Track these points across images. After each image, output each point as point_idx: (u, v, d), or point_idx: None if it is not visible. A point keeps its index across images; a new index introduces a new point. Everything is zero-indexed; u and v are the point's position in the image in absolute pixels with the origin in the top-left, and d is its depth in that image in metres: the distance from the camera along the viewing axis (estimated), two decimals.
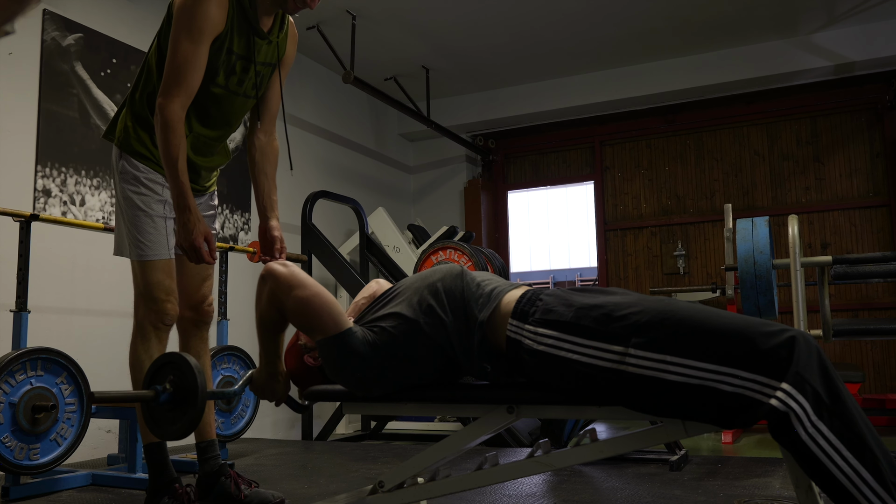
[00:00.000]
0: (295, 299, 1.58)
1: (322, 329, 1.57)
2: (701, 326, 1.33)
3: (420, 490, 1.61)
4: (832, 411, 1.22)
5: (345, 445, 4.11)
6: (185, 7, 2.03)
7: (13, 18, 1.14)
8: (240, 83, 2.20)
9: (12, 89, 3.48)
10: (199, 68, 2.04)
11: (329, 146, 5.91)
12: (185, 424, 1.55)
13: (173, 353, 1.64)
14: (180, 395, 1.57)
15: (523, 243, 7.18)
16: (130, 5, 4.13)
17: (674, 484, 2.63)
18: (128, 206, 2.19)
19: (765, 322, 1.32)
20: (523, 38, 5.49)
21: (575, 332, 1.42)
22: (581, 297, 1.48)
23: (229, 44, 2.11)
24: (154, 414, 1.63)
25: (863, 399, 4.74)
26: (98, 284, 3.76)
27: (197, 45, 2.02)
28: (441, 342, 1.56)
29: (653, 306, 1.39)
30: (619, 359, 1.36)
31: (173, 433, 1.59)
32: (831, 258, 3.19)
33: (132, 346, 2.20)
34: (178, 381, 1.57)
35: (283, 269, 1.61)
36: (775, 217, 5.22)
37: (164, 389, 1.57)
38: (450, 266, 1.68)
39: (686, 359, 1.32)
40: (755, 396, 1.26)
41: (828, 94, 5.99)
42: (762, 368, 1.26)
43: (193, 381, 1.55)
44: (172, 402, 1.57)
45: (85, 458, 3.42)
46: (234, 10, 2.09)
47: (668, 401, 1.34)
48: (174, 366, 1.59)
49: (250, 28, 2.14)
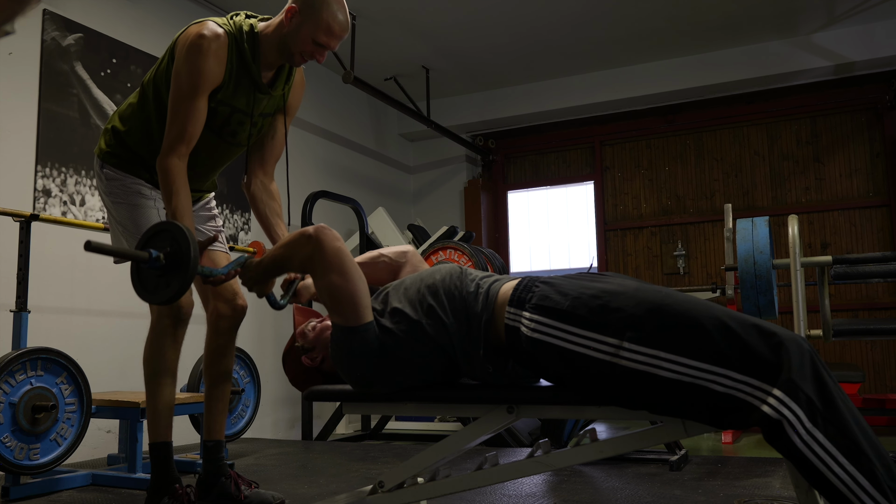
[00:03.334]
0: (328, 282, 1.55)
1: (342, 315, 1.56)
2: (695, 323, 1.32)
3: (420, 490, 1.61)
4: (826, 417, 1.22)
5: (345, 445, 4.11)
6: (184, 60, 2.03)
7: (13, 18, 1.14)
8: (233, 135, 2.20)
9: (12, 89, 3.48)
10: (199, 120, 2.05)
11: (329, 146, 5.91)
12: (170, 292, 1.54)
13: (169, 221, 1.63)
14: (172, 262, 1.55)
15: (523, 243, 7.17)
16: (130, 5, 4.13)
17: (674, 484, 2.63)
18: (117, 207, 2.20)
19: (758, 323, 1.31)
20: (523, 38, 5.49)
21: (570, 322, 1.41)
22: (578, 284, 1.47)
23: (227, 97, 2.10)
24: (142, 276, 1.61)
25: (863, 399, 4.73)
26: (98, 284, 3.76)
27: (195, 100, 2.03)
28: (442, 343, 1.55)
29: (649, 298, 1.37)
30: (614, 351, 1.36)
31: (156, 298, 1.58)
32: (831, 258, 3.19)
33: (147, 342, 2.20)
34: (173, 249, 1.55)
35: (330, 246, 1.55)
36: (775, 217, 5.22)
37: (158, 255, 1.55)
38: (450, 267, 1.67)
39: (679, 356, 1.31)
40: (746, 399, 1.26)
41: (828, 94, 5.99)
42: (754, 371, 1.26)
43: (187, 250, 1.53)
44: (163, 267, 1.55)
45: (85, 458, 3.42)
46: (233, 64, 2.08)
47: (660, 397, 1.34)
48: (169, 234, 1.57)
49: (251, 83, 2.13)
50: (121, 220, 2.21)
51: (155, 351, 2.17)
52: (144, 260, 1.55)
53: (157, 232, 1.60)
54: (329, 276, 1.55)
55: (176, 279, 1.55)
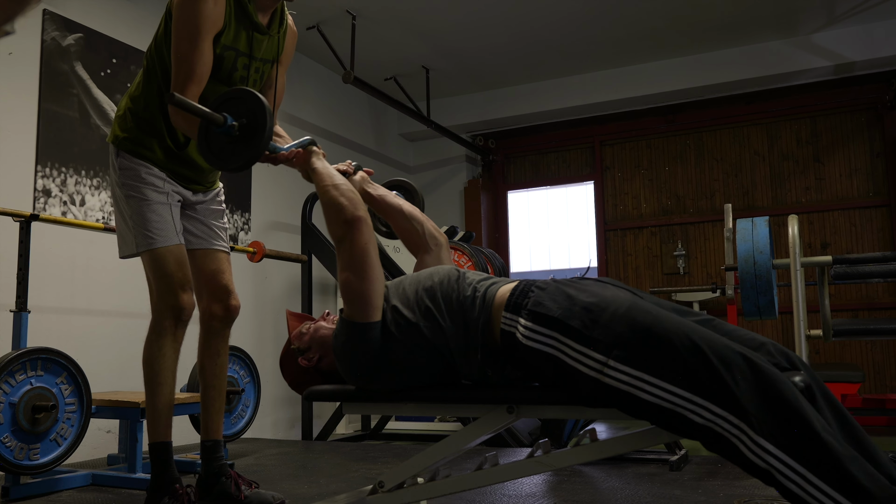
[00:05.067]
0: (346, 277, 1.58)
1: (350, 309, 1.57)
2: (680, 348, 1.30)
3: (420, 490, 1.61)
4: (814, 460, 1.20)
5: (345, 445, 4.11)
6: (182, 9, 2.03)
7: (13, 18, 1.14)
8: (242, 80, 2.21)
9: (12, 89, 3.48)
10: (206, 62, 2.05)
11: (329, 146, 5.91)
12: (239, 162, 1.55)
13: (245, 89, 1.61)
14: (246, 132, 1.54)
15: (523, 243, 7.17)
16: (130, 5, 4.13)
17: (674, 484, 2.63)
18: (128, 200, 2.18)
19: (728, 346, 1.29)
20: (523, 38, 5.50)
21: (562, 332, 1.41)
22: (572, 293, 1.46)
23: (230, 40, 2.12)
24: (210, 139, 1.60)
25: (863, 399, 4.73)
26: (98, 284, 3.76)
27: (198, 45, 2.03)
28: (439, 346, 1.55)
29: (638, 318, 1.36)
30: (600, 367, 1.36)
31: (224, 165, 1.59)
32: (831, 258, 3.19)
33: (146, 342, 2.19)
34: (249, 120, 1.54)
35: (360, 246, 1.57)
36: (775, 217, 5.21)
37: (233, 124, 1.53)
38: (448, 269, 1.67)
39: (661, 380, 1.30)
40: (725, 435, 1.26)
41: (828, 94, 5.99)
42: (726, 403, 1.25)
43: (262, 122, 1.51)
44: (235, 135, 1.54)
45: (85, 458, 3.42)
46: (231, 6, 2.09)
47: (646, 417, 1.34)
48: (245, 103, 1.56)
49: (249, 23, 2.15)
50: (130, 215, 2.19)
51: (155, 351, 2.17)
52: (219, 124, 1.53)
53: (232, 98, 1.59)
54: (348, 272, 1.58)
55: (247, 150, 1.54)
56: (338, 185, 1.68)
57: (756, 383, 1.25)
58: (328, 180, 1.70)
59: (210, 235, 2.38)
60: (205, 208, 2.37)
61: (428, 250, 1.95)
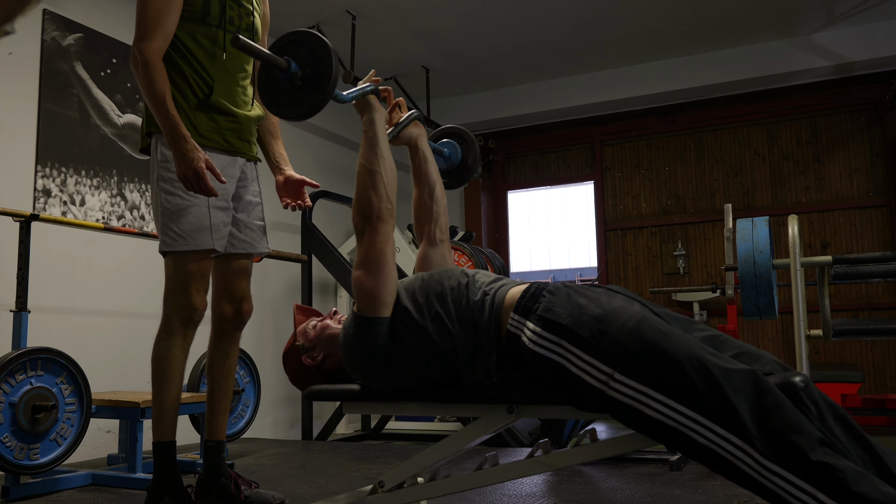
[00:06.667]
0: (359, 275, 1.58)
1: (360, 303, 1.59)
2: (687, 366, 1.29)
3: (420, 490, 1.61)
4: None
5: (345, 445, 4.11)
6: None
7: (13, 18, 1.14)
8: (231, 21, 2.21)
9: (12, 89, 3.48)
10: (174, 10, 2.06)
11: (329, 146, 5.91)
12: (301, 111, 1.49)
13: (311, 32, 1.53)
14: (309, 80, 1.48)
15: (523, 243, 7.17)
16: (130, 5, 4.12)
17: (674, 484, 2.63)
18: (175, 199, 2.13)
19: (735, 368, 1.29)
20: (523, 38, 5.49)
21: (570, 340, 1.40)
22: (583, 302, 1.45)
23: None
24: (270, 84, 1.54)
25: (863, 399, 4.73)
26: (98, 284, 3.76)
27: None
28: (447, 352, 1.55)
29: (646, 334, 1.35)
30: (605, 379, 1.35)
31: (284, 113, 1.53)
32: (831, 258, 3.19)
33: (156, 340, 2.16)
34: (314, 69, 1.46)
35: (377, 247, 1.57)
36: (775, 217, 5.21)
37: (296, 71, 1.46)
38: (459, 272, 1.66)
39: (666, 397, 1.30)
40: (728, 458, 1.25)
41: (828, 94, 5.99)
42: (731, 425, 1.25)
43: (328, 69, 1.45)
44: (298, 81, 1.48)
45: (85, 458, 3.42)
46: None
47: (648, 432, 1.34)
48: (311, 48, 1.48)
49: None
50: (165, 206, 2.13)
51: (164, 350, 2.14)
52: (282, 69, 1.48)
53: (295, 41, 1.52)
54: (362, 269, 1.59)
55: (310, 99, 1.48)
56: (375, 171, 1.62)
57: (762, 406, 1.25)
58: (369, 159, 1.64)
59: (254, 239, 2.34)
60: (246, 188, 2.33)
61: (432, 243, 1.96)
